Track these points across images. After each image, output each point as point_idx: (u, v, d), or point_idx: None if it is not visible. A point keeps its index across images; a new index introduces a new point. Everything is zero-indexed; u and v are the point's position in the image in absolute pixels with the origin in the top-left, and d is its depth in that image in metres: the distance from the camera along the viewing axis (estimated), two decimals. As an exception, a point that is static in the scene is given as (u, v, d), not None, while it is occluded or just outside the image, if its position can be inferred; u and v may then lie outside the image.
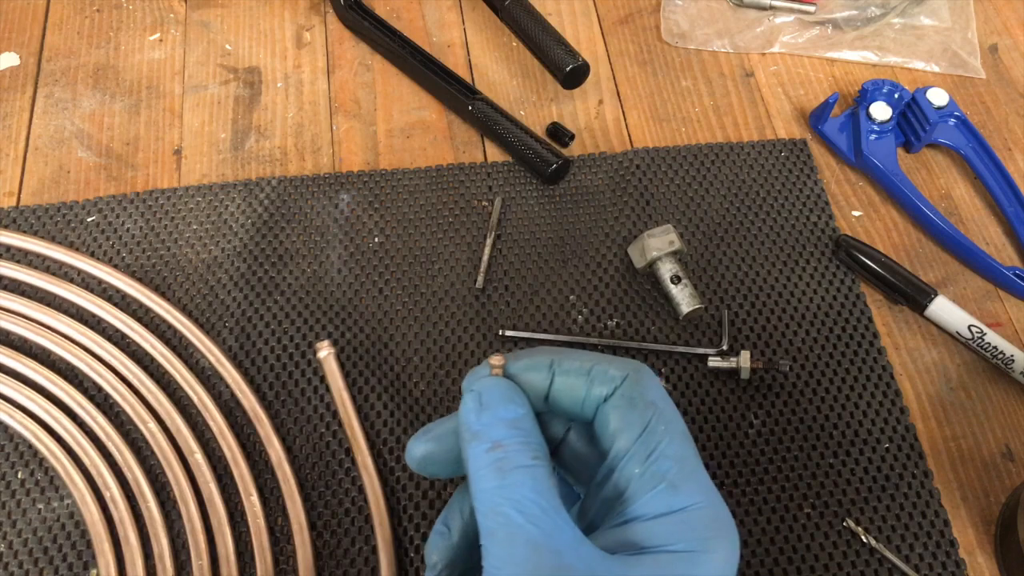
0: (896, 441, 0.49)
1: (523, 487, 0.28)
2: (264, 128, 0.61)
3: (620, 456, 0.30)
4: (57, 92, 0.62)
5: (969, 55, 0.66)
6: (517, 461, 0.29)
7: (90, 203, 0.57)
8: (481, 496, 0.29)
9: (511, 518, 0.28)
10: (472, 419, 0.30)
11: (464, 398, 0.31)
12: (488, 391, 0.31)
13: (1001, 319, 0.54)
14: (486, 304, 0.53)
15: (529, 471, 0.29)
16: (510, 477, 0.28)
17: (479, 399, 0.31)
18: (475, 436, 0.30)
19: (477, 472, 0.29)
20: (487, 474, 0.29)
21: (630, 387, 0.31)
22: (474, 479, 0.29)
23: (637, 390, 0.31)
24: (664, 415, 0.31)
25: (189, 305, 0.53)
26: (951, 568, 0.46)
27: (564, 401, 0.32)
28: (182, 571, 0.45)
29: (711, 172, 0.59)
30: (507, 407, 0.30)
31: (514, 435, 0.30)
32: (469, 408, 0.31)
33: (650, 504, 0.29)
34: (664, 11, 0.68)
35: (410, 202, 0.57)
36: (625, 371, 0.32)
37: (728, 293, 0.54)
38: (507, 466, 0.29)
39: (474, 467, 0.29)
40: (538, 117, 0.62)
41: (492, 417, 0.30)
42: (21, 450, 0.48)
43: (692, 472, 0.30)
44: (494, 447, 0.29)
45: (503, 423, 0.30)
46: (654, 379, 0.32)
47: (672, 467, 0.29)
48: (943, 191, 0.60)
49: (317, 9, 0.67)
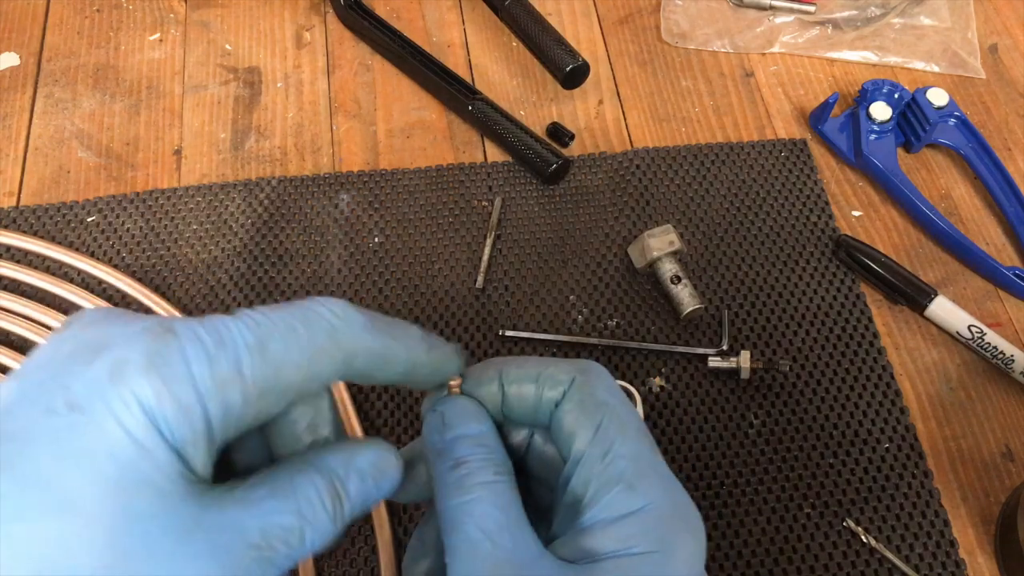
0: (896, 441, 0.49)
1: (483, 503, 0.29)
2: (264, 128, 0.61)
3: (576, 461, 0.30)
4: (57, 92, 0.62)
5: (969, 55, 0.66)
6: (479, 478, 0.29)
7: (90, 203, 0.57)
8: (444, 513, 0.29)
9: (471, 535, 0.28)
10: (436, 438, 0.31)
11: (427, 418, 0.32)
12: (450, 410, 0.31)
13: (1001, 319, 0.54)
14: (486, 304, 0.53)
15: (490, 487, 0.29)
16: (471, 494, 0.29)
17: (442, 418, 0.31)
18: (439, 455, 0.30)
19: (440, 490, 0.30)
20: (450, 491, 0.29)
21: (579, 389, 0.31)
22: (438, 496, 0.30)
23: (586, 391, 0.31)
24: (615, 413, 0.31)
25: (189, 305, 0.53)
26: (951, 568, 0.46)
27: (518, 410, 0.32)
28: (182, 571, 0.45)
29: (711, 172, 0.59)
30: (469, 424, 0.31)
31: (476, 452, 0.30)
32: (432, 428, 0.31)
33: (609, 507, 0.29)
34: (664, 11, 0.68)
35: (410, 202, 0.57)
36: (572, 373, 0.31)
37: (728, 293, 0.54)
38: (468, 483, 0.29)
39: (438, 485, 0.30)
40: (538, 117, 0.62)
41: (455, 435, 0.31)
42: (21, 450, 0.48)
43: (648, 468, 0.30)
44: (456, 465, 0.30)
45: (466, 440, 0.30)
46: (603, 377, 0.32)
47: (628, 466, 0.29)
48: (943, 191, 0.60)
49: (317, 9, 0.67)
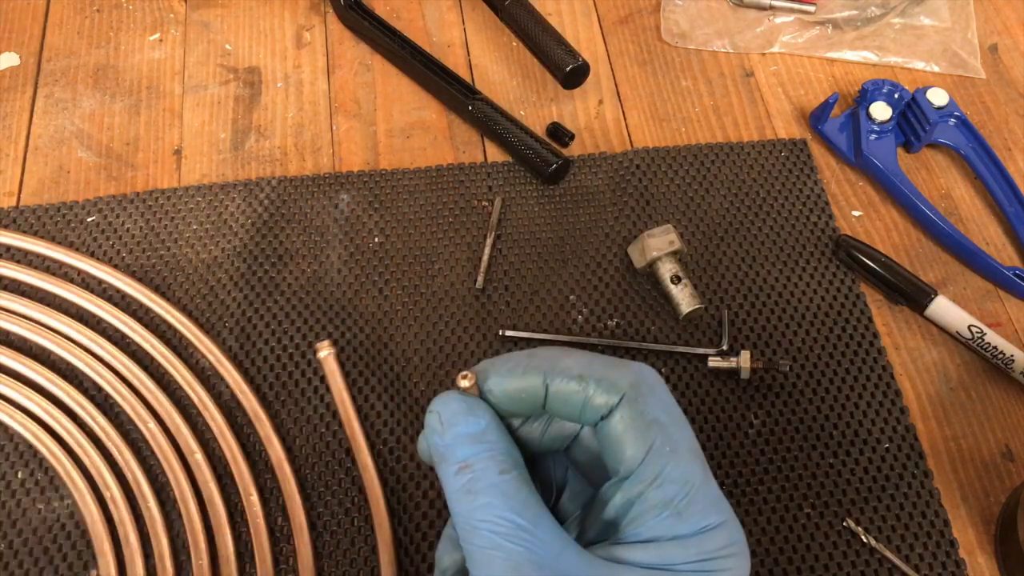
0: (896, 441, 0.49)
1: (494, 507, 0.28)
2: (264, 128, 0.61)
3: (623, 478, 0.29)
4: (57, 92, 0.62)
5: (969, 55, 0.66)
6: (486, 480, 0.29)
7: (90, 203, 0.57)
8: (457, 521, 0.29)
9: (487, 539, 0.27)
10: (436, 440, 0.30)
11: (426, 420, 0.31)
12: (445, 408, 0.30)
13: (1001, 319, 0.54)
14: (486, 304, 0.53)
15: (498, 488, 0.28)
16: (480, 498, 0.28)
17: (439, 419, 0.30)
18: (443, 458, 0.30)
19: (450, 496, 0.29)
20: (459, 497, 0.29)
21: (632, 405, 0.30)
22: (449, 502, 0.29)
23: (639, 407, 0.30)
24: (668, 434, 0.30)
25: (189, 305, 0.53)
26: (951, 568, 0.46)
27: (561, 410, 0.31)
28: (182, 571, 0.45)
29: (711, 172, 0.59)
30: (467, 421, 0.30)
31: (479, 451, 0.29)
32: (432, 429, 0.30)
33: (654, 529, 0.28)
34: (664, 11, 0.67)
35: (410, 202, 0.57)
36: (625, 385, 0.30)
37: (728, 293, 0.54)
38: (476, 487, 0.28)
39: (447, 490, 0.29)
40: (538, 117, 0.62)
41: (454, 435, 0.30)
42: (21, 450, 0.48)
43: (699, 495, 0.29)
44: (461, 468, 0.29)
45: (466, 439, 0.30)
46: (657, 389, 0.31)
47: (678, 492, 0.29)
48: (943, 191, 0.60)
49: (317, 9, 0.67)
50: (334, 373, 0.50)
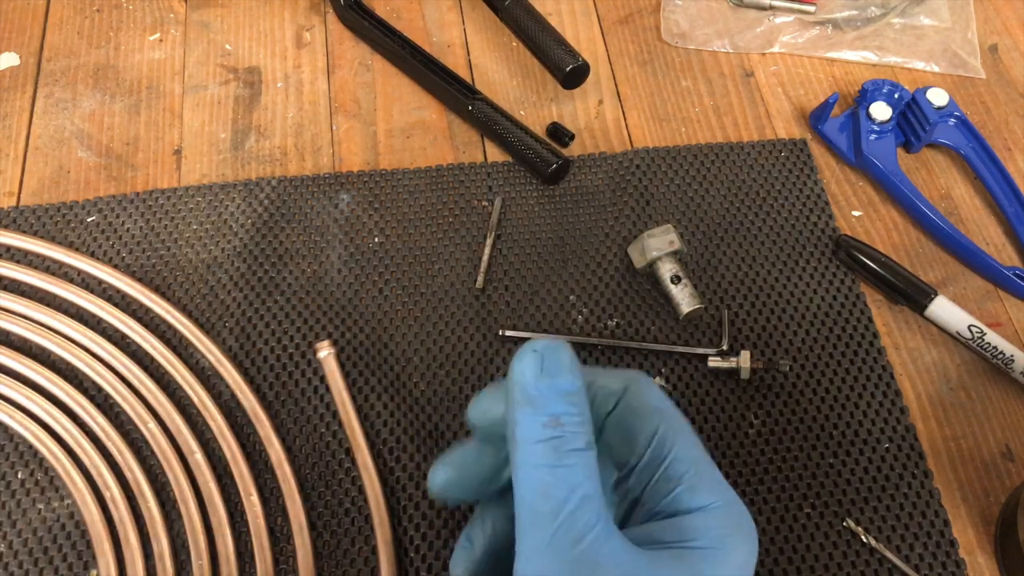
0: (896, 441, 0.49)
1: (576, 474, 0.26)
2: (264, 128, 0.61)
3: (636, 462, 0.30)
4: (57, 92, 0.62)
5: (969, 55, 0.66)
6: (573, 444, 0.27)
7: (90, 203, 0.57)
8: (529, 472, 0.27)
9: (560, 503, 0.26)
10: (530, 381, 0.27)
11: (522, 357, 0.28)
12: (551, 355, 0.28)
13: (1001, 319, 0.54)
14: (486, 304, 0.53)
15: (583, 456, 0.27)
16: (566, 460, 0.26)
17: (540, 361, 0.28)
18: (531, 402, 0.27)
19: (527, 445, 0.27)
20: (540, 451, 0.27)
21: (633, 397, 0.31)
22: (522, 451, 0.27)
23: (640, 399, 0.31)
24: (671, 420, 0.30)
25: (189, 305, 0.53)
26: (951, 568, 0.46)
27: None
28: (182, 571, 0.45)
29: (711, 172, 0.59)
30: (568, 378, 0.28)
31: (572, 413, 0.27)
32: (527, 368, 0.28)
33: (671, 504, 0.29)
34: (664, 11, 0.67)
35: (410, 202, 0.57)
36: (624, 382, 0.31)
37: (728, 293, 0.54)
38: (563, 447, 0.27)
39: (524, 437, 0.27)
40: (538, 117, 0.62)
41: (551, 386, 0.27)
42: (21, 450, 0.48)
43: (707, 474, 0.30)
44: (552, 422, 0.27)
45: (562, 396, 0.27)
46: (653, 385, 0.32)
47: (688, 469, 0.29)
48: (943, 191, 0.60)
49: (317, 9, 0.67)
50: (334, 373, 0.50)
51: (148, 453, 0.48)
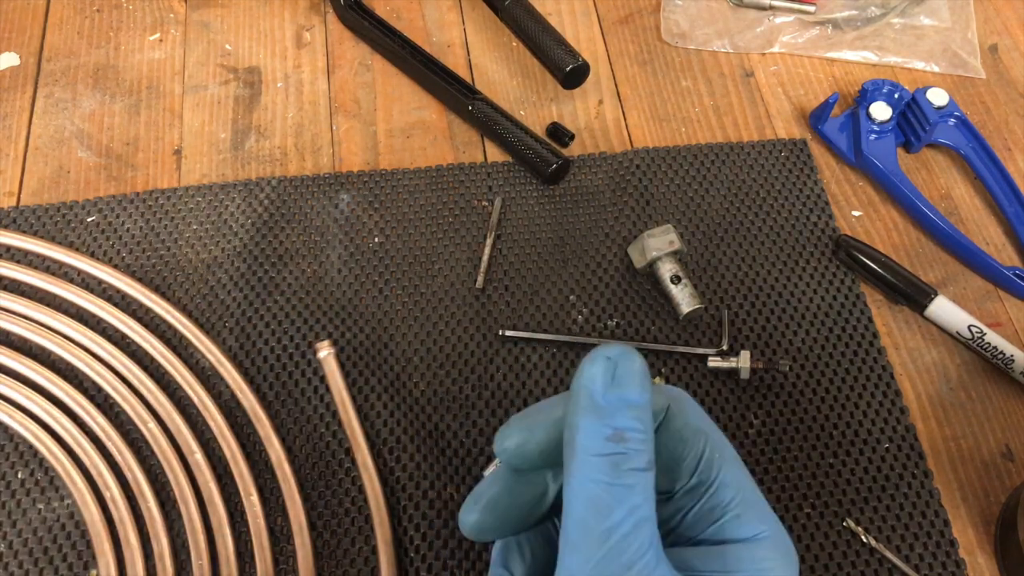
0: (896, 441, 0.49)
1: (635, 495, 0.25)
2: (264, 128, 0.61)
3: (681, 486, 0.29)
4: (57, 92, 0.62)
5: (969, 55, 0.66)
6: (635, 462, 0.26)
7: (90, 203, 0.57)
8: (586, 485, 0.26)
9: (615, 523, 0.25)
10: (598, 389, 0.26)
11: (594, 361, 0.27)
12: (625, 363, 0.27)
13: (1001, 319, 0.54)
14: (486, 304, 0.53)
15: (643, 476, 0.26)
16: (626, 478, 0.26)
17: (613, 369, 0.27)
18: (597, 412, 0.26)
19: (587, 457, 0.26)
20: (600, 465, 0.26)
21: (677, 417, 0.29)
22: (581, 462, 0.26)
23: (683, 419, 0.29)
24: (715, 442, 0.29)
25: (189, 305, 0.53)
26: (951, 568, 0.46)
27: None
28: (182, 571, 0.45)
29: (711, 172, 0.59)
30: (638, 391, 0.27)
31: (637, 430, 0.26)
32: (597, 375, 0.26)
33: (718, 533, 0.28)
34: (664, 11, 0.67)
35: (410, 202, 0.57)
36: (666, 399, 0.29)
37: (728, 293, 0.54)
38: (624, 464, 0.26)
39: (585, 447, 0.26)
40: (538, 117, 0.62)
41: (620, 397, 0.26)
42: (21, 450, 0.48)
43: (753, 500, 0.29)
44: (616, 436, 0.26)
45: (630, 409, 0.26)
46: (695, 403, 0.30)
47: (734, 496, 0.28)
48: (943, 191, 0.60)
49: (317, 9, 0.67)
50: (334, 373, 0.50)
51: (148, 453, 0.48)
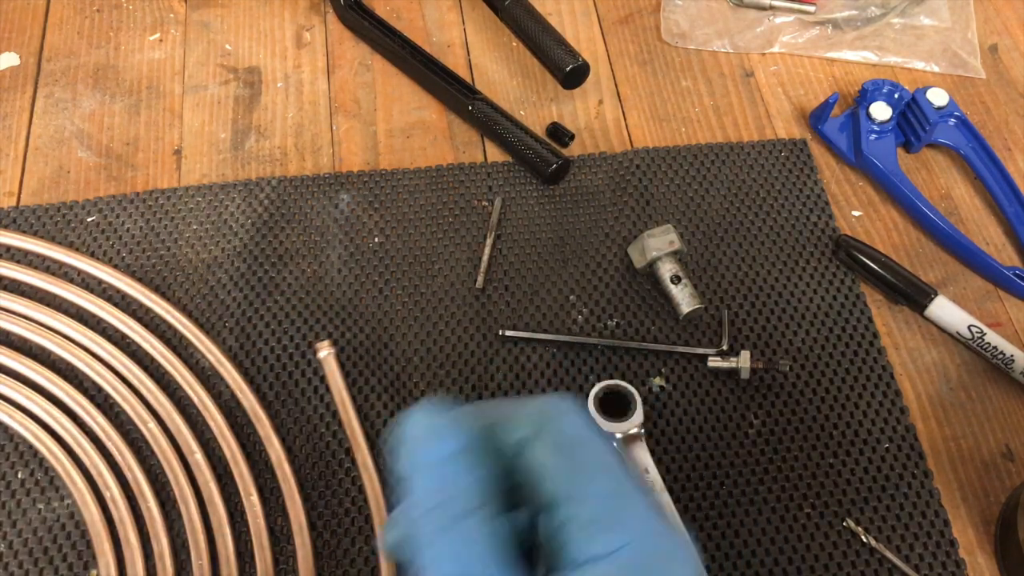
0: (896, 441, 0.49)
1: (444, 561, 0.26)
2: (264, 128, 0.61)
3: (549, 503, 0.28)
4: (57, 92, 0.62)
5: (969, 55, 0.66)
6: (437, 521, 0.26)
7: (90, 203, 0.57)
8: (421, 540, 0.26)
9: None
10: (394, 463, 0.28)
11: (405, 421, 0.29)
12: (410, 428, 0.28)
13: (1001, 319, 0.54)
14: (486, 304, 0.53)
15: (451, 534, 0.26)
16: (433, 546, 0.26)
17: (400, 438, 0.28)
18: (397, 486, 0.27)
19: (419, 512, 0.27)
20: (432, 518, 0.26)
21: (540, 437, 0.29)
22: (416, 522, 0.27)
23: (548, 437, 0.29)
24: (586, 450, 0.28)
25: (189, 305, 0.53)
26: (951, 568, 0.46)
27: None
28: (182, 571, 0.45)
29: (711, 172, 0.59)
30: (428, 446, 0.27)
31: (435, 485, 0.27)
32: (391, 448, 0.29)
33: (585, 549, 0.27)
34: (664, 11, 0.67)
35: (410, 202, 0.57)
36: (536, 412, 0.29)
37: (728, 293, 0.54)
38: (427, 529, 0.26)
39: (415, 504, 0.27)
40: (538, 117, 0.62)
41: (413, 463, 0.27)
42: (21, 450, 0.48)
43: (624, 507, 0.27)
44: (413, 504, 0.27)
45: (425, 470, 0.27)
46: (571, 413, 0.29)
47: (601, 506, 0.27)
48: (943, 191, 0.60)
49: (317, 9, 0.67)
50: (334, 373, 0.50)
51: (148, 453, 0.48)
